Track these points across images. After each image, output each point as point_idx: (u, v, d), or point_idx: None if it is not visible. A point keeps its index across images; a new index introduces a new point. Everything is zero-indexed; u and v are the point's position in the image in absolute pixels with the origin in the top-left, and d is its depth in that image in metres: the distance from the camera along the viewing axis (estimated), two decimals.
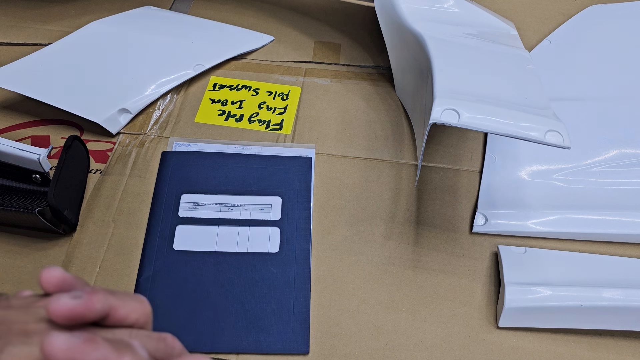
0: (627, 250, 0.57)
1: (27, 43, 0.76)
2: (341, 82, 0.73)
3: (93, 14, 0.81)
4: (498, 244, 0.56)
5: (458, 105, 0.46)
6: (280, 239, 0.56)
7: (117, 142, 0.65)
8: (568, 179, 0.60)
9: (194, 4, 0.85)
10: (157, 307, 0.51)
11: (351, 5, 0.85)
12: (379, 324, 0.51)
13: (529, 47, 0.76)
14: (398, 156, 0.65)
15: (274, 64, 0.76)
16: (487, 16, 0.67)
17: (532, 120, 0.45)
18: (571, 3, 0.84)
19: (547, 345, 0.50)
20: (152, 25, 0.79)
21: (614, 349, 0.50)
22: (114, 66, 0.70)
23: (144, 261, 0.54)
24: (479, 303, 0.53)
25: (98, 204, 0.59)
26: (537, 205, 0.58)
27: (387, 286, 0.54)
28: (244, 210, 0.58)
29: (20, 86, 0.65)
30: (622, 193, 0.59)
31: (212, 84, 0.72)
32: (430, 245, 0.57)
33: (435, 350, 0.50)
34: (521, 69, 0.56)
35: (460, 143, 0.66)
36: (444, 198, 0.61)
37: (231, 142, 0.65)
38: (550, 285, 0.50)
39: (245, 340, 0.49)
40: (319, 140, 0.66)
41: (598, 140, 0.62)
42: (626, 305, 0.48)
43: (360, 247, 0.57)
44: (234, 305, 0.51)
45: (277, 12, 0.84)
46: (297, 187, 0.60)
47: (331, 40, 0.80)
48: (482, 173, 0.62)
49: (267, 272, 0.54)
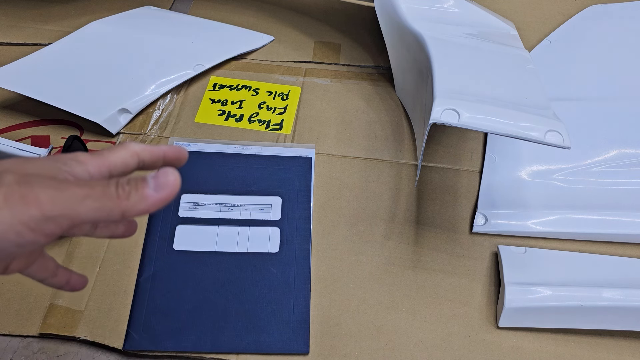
0: (627, 250, 0.57)
1: (27, 43, 0.76)
2: (341, 82, 0.73)
3: (93, 14, 0.81)
4: (498, 244, 0.56)
5: (458, 105, 0.46)
6: (280, 239, 0.56)
7: (117, 142, 0.65)
8: (568, 179, 0.60)
9: (194, 4, 0.85)
10: (157, 307, 0.51)
11: (351, 5, 0.85)
12: (379, 324, 0.51)
13: (529, 47, 0.76)
14: (398, 156, 0.65)
15: (274, 64, 0.76)
16: (487, 16, 0.67)
17: (532, 120, 0.45)
18: (571, 3, 0.84)
19: (547, 345, 0.50)
20: (152, 25, 0.79)
21: (614, 349, 0.50)
22: (113, 66, 0.70)
23: (144, 261, 0.54)
24: (479, 303, 0.53)
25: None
26: (537, 205, 0.58)
27: (387, 286, 0.54)
28: (244, 210, 0.58)
29: (20, 86, 0.65)
30: (622, 193, 0.59)
31: (212, 84, 0.72)
32: (430, 245, 0.57)
33: (435, 350, 0.50)
34: (521, 69, 0.56)
35: (460, 143, 0.66)
36: (444, 198, 0.61)
37: (231, 142, 0.65)
38: (550, 285, 0.50)
39: (245, 340, 0.49)
40: (319, 140, 0.66)
41: (598, 140, 0.62)
42: (626, 305, 0.48)
43: (360, 247, 0.57)
44: (234, 305, 0.51)
45: (277, 12, 0.84)
46: (297, 187, 0.60)
47: (331, 40, 0.80)
48: (482, 173, 0.62)
49: (267, 272, 0.54)
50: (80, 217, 0.26)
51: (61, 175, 0.28)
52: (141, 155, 0.31)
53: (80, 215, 0.26)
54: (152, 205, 0.27)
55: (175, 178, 0.28)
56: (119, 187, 0.27)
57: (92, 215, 0.26)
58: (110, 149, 0.31)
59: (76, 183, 0.27)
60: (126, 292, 0.52)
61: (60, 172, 0.28)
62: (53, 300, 0.52)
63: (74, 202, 0.26)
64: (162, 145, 0.32)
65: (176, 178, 0.28)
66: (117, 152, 0.30)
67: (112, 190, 0.26)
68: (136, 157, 0.31)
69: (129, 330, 0.50)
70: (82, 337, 0.50)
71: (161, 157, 0.32)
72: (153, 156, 0.32)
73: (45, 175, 0.27)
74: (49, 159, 0.29)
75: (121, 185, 0.27)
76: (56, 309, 0.51)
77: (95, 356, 0.50)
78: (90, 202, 0.26)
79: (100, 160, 0.30)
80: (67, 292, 0.52)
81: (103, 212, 0.26)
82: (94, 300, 0.52)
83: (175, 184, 0.28)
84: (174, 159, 0.33)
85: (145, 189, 0.27)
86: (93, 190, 0.26)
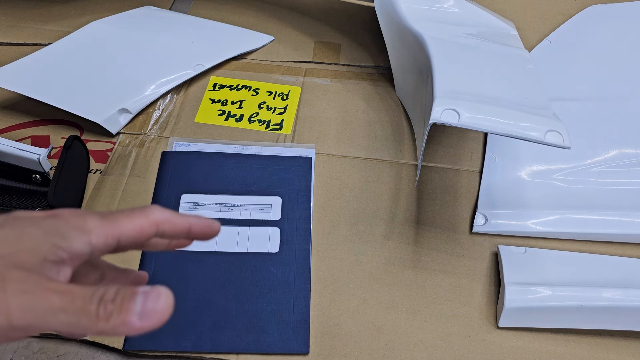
0: (627, 250, 0.57)
1: (27, 43, 0.76)
2: (341, 82, 0.73)
3: (93, 14, 0.81)
4: (498, 244, 0.56)
5: (458, 105, 0.46)
6: (280, 239, 0.56)
7: (117, 142, 0.65)
8: (568, 179, 0.60)
9: (194, 4, 0.85)
10: None
11: (351, 5, 0.85)
12: (379, 324, 0.51)
13: (529, 47, 0.76)
14: (398, 156, 0.65)
15: (274, 64, 0.76)
16: (487, 16, 0.67)
17: (532, 120, 0.45)
18: (571, 3, 0.84)
19: (547, 345, 0.50)
20: (152, 25, 0.79)
21: (614, 349, 0.50)
22: (114, 66, 0.70)
23: (144, 261, 0.54)
24: (479, 303, 0.53)
25: (98, 203, 0.59)
26: (537, 205, 0.58)
27: (387, 286, 0.54)
28: (244, 210, 0.58)
29: (20, 86, 0.65)
30: (622, 193, 0.59)
31: (212, 84, 0.72)
32: (430, 245, 0.57)
33: (435, 350, 0.50)
34: (521, 69, 0.56)
35: (460, 143, 0.66)
36: (444, 198, 0.61)
37: (231, 142, 0.65)
38: (550, 285, 0.50)
39: (245, 340, 0.49)
40: (319, 140, 0.66)
41: (598, 140, 0.62)
42: (626, 305, 0.48)
43: (360, 247, 0.57)
44: (234, 305, 0.51)
45: (277, 12, 0.84)
46: (297, 187, 0.60)
47: (331, 40, 0.80)
48: (482, 173, 0.62)
49: (267, 272, 0.54)
50: (50, 328, 0.24)
51: (53, 256, 0.25)
52: (161, 227, 0.28)
53: (51, 327, 0.24)
54: (132, 332, 0.24)
55: (167, 306, 0.24)
56: (101, 306, 0.24)
57: (64, 329, 0.24)
58: (130, 212, 0.28)
59: (57, 289, 0.24)
60: None
61: (53, 251, 0.25)
62: None
63: (47, 314, 0.23)
64: (190, 217, 0.29)
65: (168, 306, 0.24)
66: (134, 219, 0.27)
67: (93, 308, 0.23)
68: (154, 228, 0.28)
69: None
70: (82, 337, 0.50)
71: (185, 231, 0.29)
72: (176, 229, 0.29)
73: (31, 264, 0.24)
74: (51, 226, 0.26)
75: (104, 304, 0.24)
76: None
77: (95, 356, 0.50)
78: (64, 316, 0.23)
79: (110, 228, 0.27)
80: None
81: (77, 328, 0.24)
82: None
83: (164, 314, 0.24)
84: (199, 234, 0.30)
85: (129, 315, 0.24)
86: (72, 305, 0.23)
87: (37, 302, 0.23)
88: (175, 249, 0.33)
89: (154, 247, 0.31)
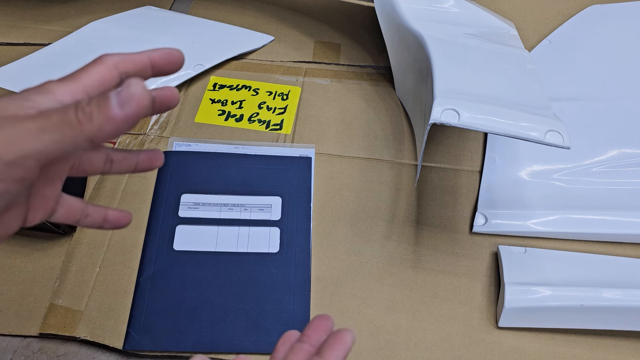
0: (627, 250, 0.57)
1: (27, 43, 0.76)
2: (341, 82, 0.73)
3: (93, 14, 0.81)
4: (498, 244, 0.56)
5: (458, 105, 0.46)
6: (280, 239, 0.56)
7: (117, 142, 0.65)
8: (568, 179, 0.60)
9: (194, 4, 0.85)
10: (157, 307, 0.51)
11: (351, 5, 0.85)
12: (379, 324, 0.51)
13: (529, 47, 0.76)
14: (398, 156, 0.65)
15: (274, 64, 0.76)
16: (487, 16, 0.67)
17: (532, 120, 0.45)
18: (571, 3, 0.84)
19: (547, 345, 0.50)
20: (152, 25, 0.79)
21: (614, 349, 0.50)
22: None
23: (144, 261, 0.54)
24: (479, 303, 0.53)
25: (98, 203, 0.58)
26: (537, 205, 0.58)
27: (387, 286, 0.54)
28: (244, 210, 0.58)
29: (20, 86, 0.64)
30: (622, 193, 0.59)
31: (212, 84, 0.72)
32: (430, 245, 0.57)
33: (435, 350, 0.50)
34: (521, 69, 0.56)
35: (460, 143, 0.66)
36: (444, 198, 0.61)
37: (231, 142, 0.65)
38: (550, 285, 0.50)
39: (245, 340, 0.49)
40: (319, 140, 0.66)
41: (598, 140, 0.62)
42: (626, 305, 0.48)
43: (360, 247, 0.57)
44: (234, 305, 0.51)
45: (277, 12, 0.84)
46: (297, 187, 0.60)
47: (331, 40, 0.80)
48: (482, 173, 0.62)
49: (267, 272, 0.54)
50: (43, 154, 0.23)
51: (24, 112, 0.24)
52: (121, 67, 0.27)
53: (42, 151, 0.23)
54: (120, 124, 0.23)
55: (142, 88, 0.23)
56: (79, 110, 0.23)
57: (56, 149, 0.23)
58: (84, 67, 0.27)
59: (30, 117, 0.23)
60: (126, 292, 0.52)
61: (22, 109, 0.24)
62: (53, 300, 0.52)
63: (30, 139, 0.23)
64: (146, 50, 0.28)
65: (143, 88, 0.23)
66: (90, 69, 0.27)
67: (71, 115, 0.23)
68: (115, 71, 0.27)
69: (129, 330, 0.50)
70: (82, 337, 0.50)
71: (147, 64, 0.28)
72: (137, 65, 0.28)
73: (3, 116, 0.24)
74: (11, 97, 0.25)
75: (81, 108, 0.23)
76: (56, 309, 0.51)
77: (95, 356, 0.50)
78: (47, 135, 0.23)
79: (71, 84, 0.26)
80: (66, 292, 0.52)
81: (66, 142, 0.23)
82: (94, 300, 0.52)
83: (142, 96, 0.23)
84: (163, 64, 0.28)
85: (109, 109, 0.23)
86: (49, 121, 0.23)
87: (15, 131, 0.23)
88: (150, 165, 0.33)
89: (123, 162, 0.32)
